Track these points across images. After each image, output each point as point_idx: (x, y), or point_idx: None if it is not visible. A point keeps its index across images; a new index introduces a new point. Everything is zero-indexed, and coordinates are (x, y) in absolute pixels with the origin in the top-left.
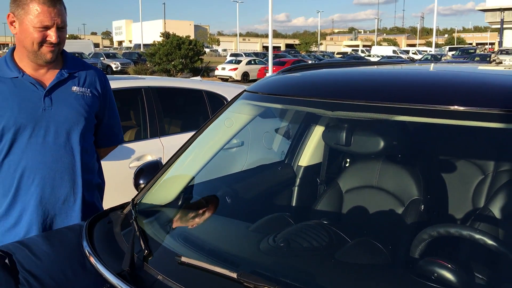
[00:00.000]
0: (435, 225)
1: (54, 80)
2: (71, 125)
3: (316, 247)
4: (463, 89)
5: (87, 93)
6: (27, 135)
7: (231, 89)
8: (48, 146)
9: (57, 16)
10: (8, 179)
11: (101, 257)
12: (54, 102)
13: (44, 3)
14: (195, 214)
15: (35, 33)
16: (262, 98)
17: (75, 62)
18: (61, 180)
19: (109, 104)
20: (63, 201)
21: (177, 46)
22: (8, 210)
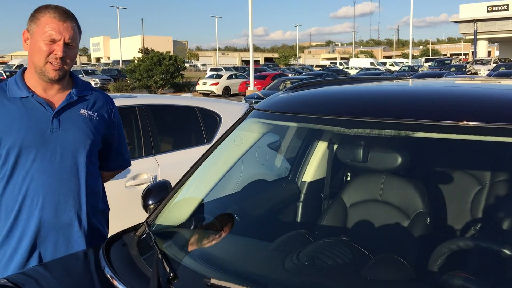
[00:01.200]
0: (454, 238)
1: (64, 102)
2: (78, 148)
3: (341, 264)
4: (478, 105)
5: (95, 117)
6: (32, 156)
7: (223, 105)
8: (54, 169)
9: (66, 31)
10: (11, 201)
11: (125, 282)
12: (62, 124)
13: (54, 17)
14: (212, 234)
15: (43, 46)
16: (273, 116)
17: (84, 85)
18: (66, 204)
19: (118, 128)
20: (67, 226)
21: (157, 62)
22: (10, 233)
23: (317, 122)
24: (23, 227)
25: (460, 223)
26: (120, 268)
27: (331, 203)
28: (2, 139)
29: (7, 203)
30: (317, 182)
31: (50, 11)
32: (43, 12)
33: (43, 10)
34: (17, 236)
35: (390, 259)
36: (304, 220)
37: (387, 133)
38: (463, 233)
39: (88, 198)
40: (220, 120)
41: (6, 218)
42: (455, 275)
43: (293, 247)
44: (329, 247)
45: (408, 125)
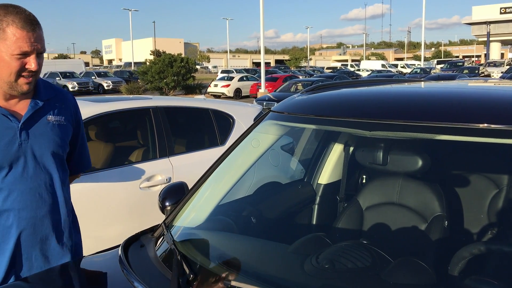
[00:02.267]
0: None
1: (29, 111)
2: (49, 159)
3: (361, 268)
4: (499, 107)
5: (62, 121)
6: (3, 173)
7: (236, 107)
8: (27, 184)
9: (37, 41)
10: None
11: (145, 283)
12: (30, 135)
13: (23, 27)
14: (230, 236)
15: (13, 61)
16: (290, 118)
17: (47, 87)
18: (43, 218)
19: (81, 130)
20: (44, 240)
21: (169, 64)
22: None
23: (335, 124)
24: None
25: (477, 227)
26: (139, 269)
27: (347, 205)
28: None
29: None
30: (333, 184)
31: (15, 20)
32: (5, 21)
33: (3, 18)
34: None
35: (410, 262)
36: (320, 223)
37: (407, 135)
38: (481, 237)
39: (63, 209)
40: (234, 122)
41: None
42: (476, 279)
43: (312, 249)
44: (349, 250)
45: (429, 128)
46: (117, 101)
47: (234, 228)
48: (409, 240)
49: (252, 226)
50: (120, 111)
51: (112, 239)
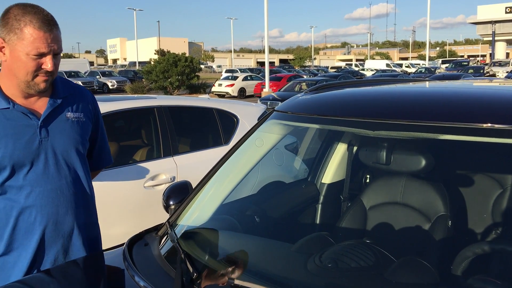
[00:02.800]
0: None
1: (48, 109)
2: (70, 155)
3: (364, 267)
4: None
5: (81, 118)
6: (25, 171)
7: (240, 107)
8: (49, 180)
9: (54, 42)
10: (3, 219)
11: (149, 281)
12: (50, 133)
13: (40, 28)
14: (233, 235)
15: (30, 61)
16: (294, 118)
17: (65, 85)
18: (65, 215)
19: (101, 126)
20: (66, 236)
21: (173, 63)
22: (6, 250)
23: (339, 124)
24: (22, 243)
25: (481, 227)
26: (143, 267)
27: (350, 205)
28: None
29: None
30: (336, 184)
31: (33, 20)
32: (23, 20)
33: (21, 18)
34: (16, 251)
35: (413, 262)
36: (324, 222)
37: (411, 135)
38: (484, 237)
39: (85, 205)
40: (238, 121)
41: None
42: (480, 279)
43: (315, 248)
44: (352, 249)
45: (433, 127)
46: (121, 101)
47: (238, 227)
48: (412, 239)
49: (255, 225)
50: (125, 111)
51: (117, 237)
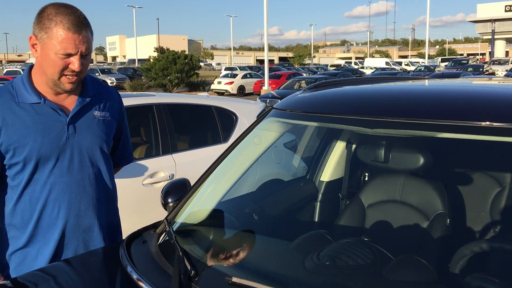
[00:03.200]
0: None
1: (77, 106)
2: (94, 152)
3: (362, 265)
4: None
5: (107, 117)
6: (50, 165)
7: (239, 105)
8: (73, 176)
9: (82, 43)
10: (28, 210)
11: (146, 279)
12: (77, 130)
13: (69, 28)
14: (231, 233)
15: (58, 60)
16: (292, 116)
17: (94, 83)
18: (86, 210)
19: (125, 125)
20: (87, 231)
21: (172, 60)
22: (29, 242)
23: (337, 122)
24: (45, 236)
25: (479, 225)
26: (141, 265)
27: (349, 203)
28: (16, 149)
29: (23, 211)
30: (335, 182)
31: (63, 21)
32: (54, 20)
33: (53, 17)
34: (38, 244)
35: (411, 260)
36: (322, 220)
37: (409, 133)
38: (483, 235)
39: (106, 201)
40: (237, 119)
41: (23, 226)
42: (478, 277)
43: (313, 246)
44: (350, 247)
45: (431, 126)
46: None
47: (236, 224)
48: (411, 237)
49: (254, 223)
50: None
51: None
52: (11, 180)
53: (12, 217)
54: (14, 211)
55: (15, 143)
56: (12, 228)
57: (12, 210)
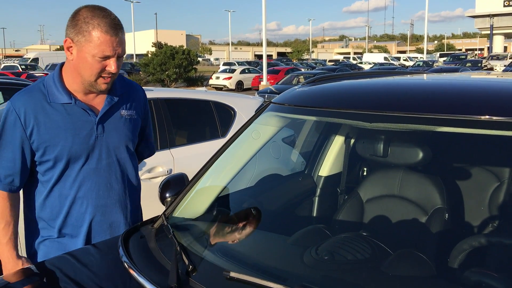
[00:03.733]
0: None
1: (106, 106)
2: (121, 151)
3: (360, 259)
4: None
5: (133, 115)
6: (80, 164)
7: (238, 99)
8: (100, 174)
9: (119, 45)
10: (57, 205)
11: (145, 274)
12: (106, 129)
13: (107, 32)
14: (230, 227)
15: (95, 63)
16: (291, 110)
17: (121, 82)
18: (113, 207)
19: (149, 121)
20: (113, 226)
21: (170, 56)
22: (57, 236)
23: (336, 116)
24: (72, 230)
25: (478, 220)
26: (138, 259)
27: (347, 198)
28: (48, 148)
29: (52, 205)
30: (334, 176)
31: (101, 24)
32: (91, 23)
33: (90, 21)
34: (65, 238)
35: (410, 254)
36: (321, 215)
37: (408, 127)
38: (481, 230)
39: (131, 198)
40: (235, 114)
41: (52, 219)
42: (476, 272)
43: (311, 241)
44: (348, 242)
45: (430, 120)
46: None
47: (235, 219)
48: (409, 232)
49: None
50: None
51: None
52: (42, 176)
53: (42, 210)
54: (43, 205)
55: (47, 142)
56: (41, 220)
57: (42, 204)
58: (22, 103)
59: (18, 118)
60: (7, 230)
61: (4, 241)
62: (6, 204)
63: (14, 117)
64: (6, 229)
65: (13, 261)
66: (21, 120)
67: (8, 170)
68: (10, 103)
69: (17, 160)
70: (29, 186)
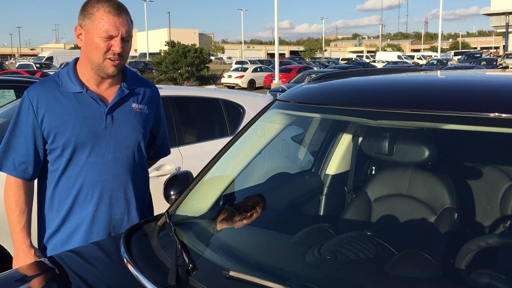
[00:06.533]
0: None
1: (116, 97)
2: (130, 143)
3: (364, 259)
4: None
5: (145, 110)
6: (87, 152)
7: (247, 97)
8: (107, 164)
9: (122, 25)
10: (65, 194)
11: (144, 272)
12: (115, 120)
13: (110, 12)
14: (233, 226)
15: (101, 42)
16: (296, 107)
17: (133, 77)
18: (118, 199)
19: (162, 119)
20: (118, 220)
21: (183, 54)
22: (62, 225)
23: (340, 113)
24: (76, 220)
25: (489, 220)
26: (140, 258)
27: (354, 197)
28: (57, 134)
29: (60, 195)
30: (341, 175)
31: (104, 5)
32: (96, 6)
33: (95, 5)
34: (69, 228)
35: (415, 255)
36: (327, 214)
37: (413, 125)
38: (492, 231)
39: (137, 192)
40: (244, 112)
41: (59, 210)
42: (483, 273)
43: (315, 240)
44: (352, 242)
45: (436, 117)
46: None
47: (238, 218)
48: (417, 232)
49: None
50: None
51: None
52: (51, 165)
53: (51, 201)
54: (53, 195)
55: (56, 129)
56: (50, 211)
57: (52, 194)
58: (36, 92)
59: (31, 106)
60: (21, 218)
61: (18, 229)
62: (21, 191)
63: (28, 105)
64: (20, 216)
65: (27, 249)
66: (34, 108)
67: (22, 157)
68: (26, 93)
69: (30, 147)
70: (42, 178)
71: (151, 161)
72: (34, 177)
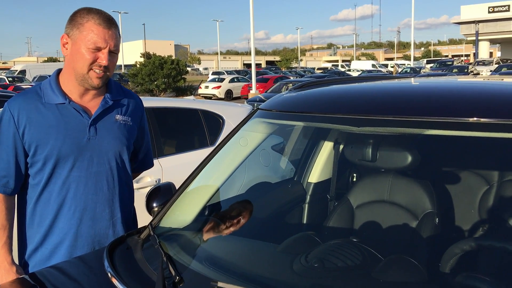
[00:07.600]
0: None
1: (99, 108)
2: (113, 156)
3: (351, 266)
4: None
5: (129, 122)
6: (69, 165)
7: (226, 107)
8: (91, 178)
9: (111, 39)
10: (46, 209)
11: (130, 285)
12: (98, 132)
13: (100, 24)
14: (218, 237)
15: (87, 53)
16: (278, 116)
17: (117, 88)
18: (102, 213)
19: (146, 132)
20: (102, 234)
21: (159, 66)
22: (44, 240)
23: (323, 120)
24: (59, 236)
25: (468, 223)
26: (124, 271)
27: (337, 204)
28: (38, 147)
29: (41, 210)
30: (323, 183)
31: (95, 17)
32: (86, 17)
33: (85, 15)
34: (51, 244)
35: (401, 260)
36: (310, 222)
37: (395, 131)
38: (472, 234)
39: (122, 205)
40: (223, 122)
41: (40, 225)
42: (468, 276)
43: (301, 248)
44: (338, 249)
45: (417, 123)
46: None
47: (223, 228)
48: (400, 237)
49: (244, 226)
50: None
51: None
52: (32, 179)
53: (32, 216)
54: (34, 210)
55: (38, 141)
56: (31, 227)
57: (33, 209)
58: (17, 104)
59: (12, 118)
60: (2, 234)
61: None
62: (1, 207)
63: (8, 117)
64: (1, 233)
65: (8, 266)
66: (15, 120)
67: (3, 171)
68: (6, 104)
69: (11, 161)
70: (22, 193)
71: (135, 173)
72: (15, 192)
